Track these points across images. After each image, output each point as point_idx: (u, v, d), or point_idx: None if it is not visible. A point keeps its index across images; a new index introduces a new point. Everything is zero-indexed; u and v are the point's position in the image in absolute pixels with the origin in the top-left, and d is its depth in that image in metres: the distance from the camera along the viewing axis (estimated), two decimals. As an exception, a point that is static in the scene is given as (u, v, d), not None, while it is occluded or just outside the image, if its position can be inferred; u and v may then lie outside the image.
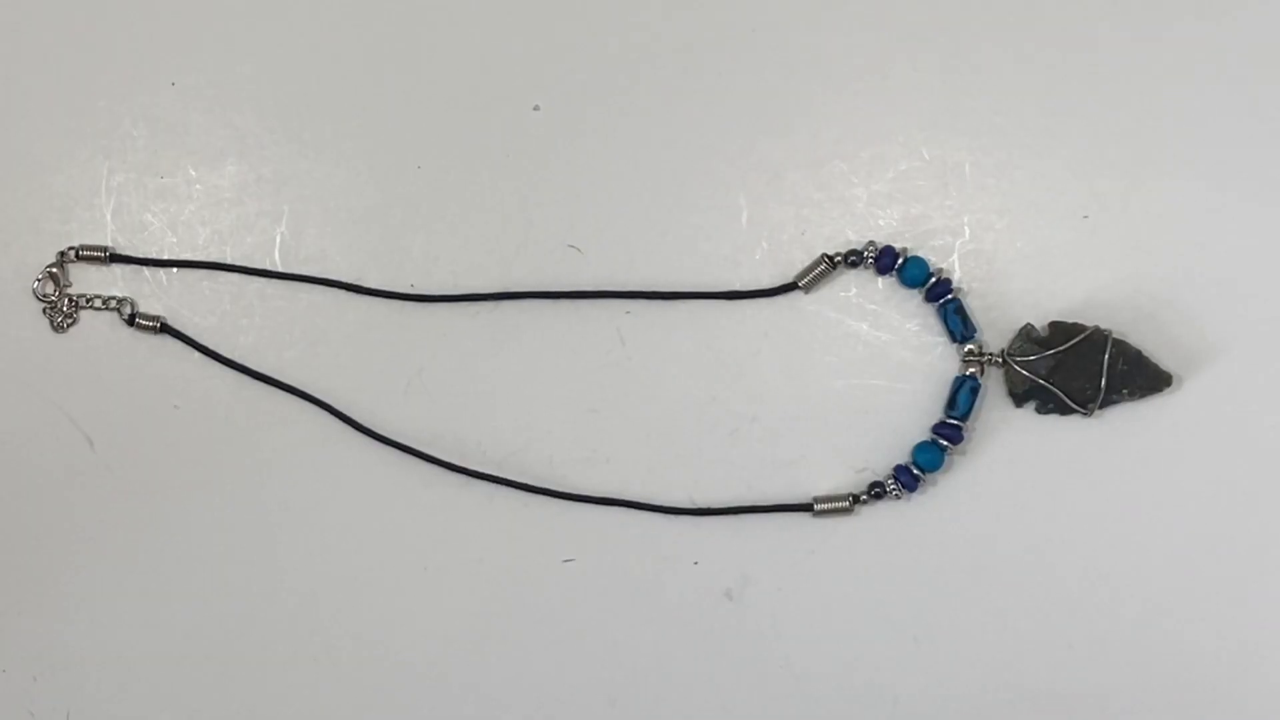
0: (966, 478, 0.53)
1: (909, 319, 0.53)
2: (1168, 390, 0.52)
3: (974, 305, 0.53)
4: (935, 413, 0.52)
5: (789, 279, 0.53)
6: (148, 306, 0.54)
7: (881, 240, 0.53)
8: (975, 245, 0.53)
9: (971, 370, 0.52)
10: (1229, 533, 0.52)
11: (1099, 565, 0.52)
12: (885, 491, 0.52)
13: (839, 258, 0.52)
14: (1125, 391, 0.51)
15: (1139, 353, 0.51)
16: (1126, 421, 0.52)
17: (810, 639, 0.53)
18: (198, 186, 0.54)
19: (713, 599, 0.53)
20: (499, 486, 0.53)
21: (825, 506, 0.52)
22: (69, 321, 0.54)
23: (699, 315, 0.53)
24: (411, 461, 0.53)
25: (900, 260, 0.52)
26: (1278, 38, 0.52)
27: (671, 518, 0.53)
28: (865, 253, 0.52)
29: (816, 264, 0.52)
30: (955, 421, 0.52)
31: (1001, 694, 0.53)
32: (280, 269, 0.54)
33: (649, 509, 0.53)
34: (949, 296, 0.52)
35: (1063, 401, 0.51)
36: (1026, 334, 0.52)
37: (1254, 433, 0.52)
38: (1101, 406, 0.51)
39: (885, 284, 0.53)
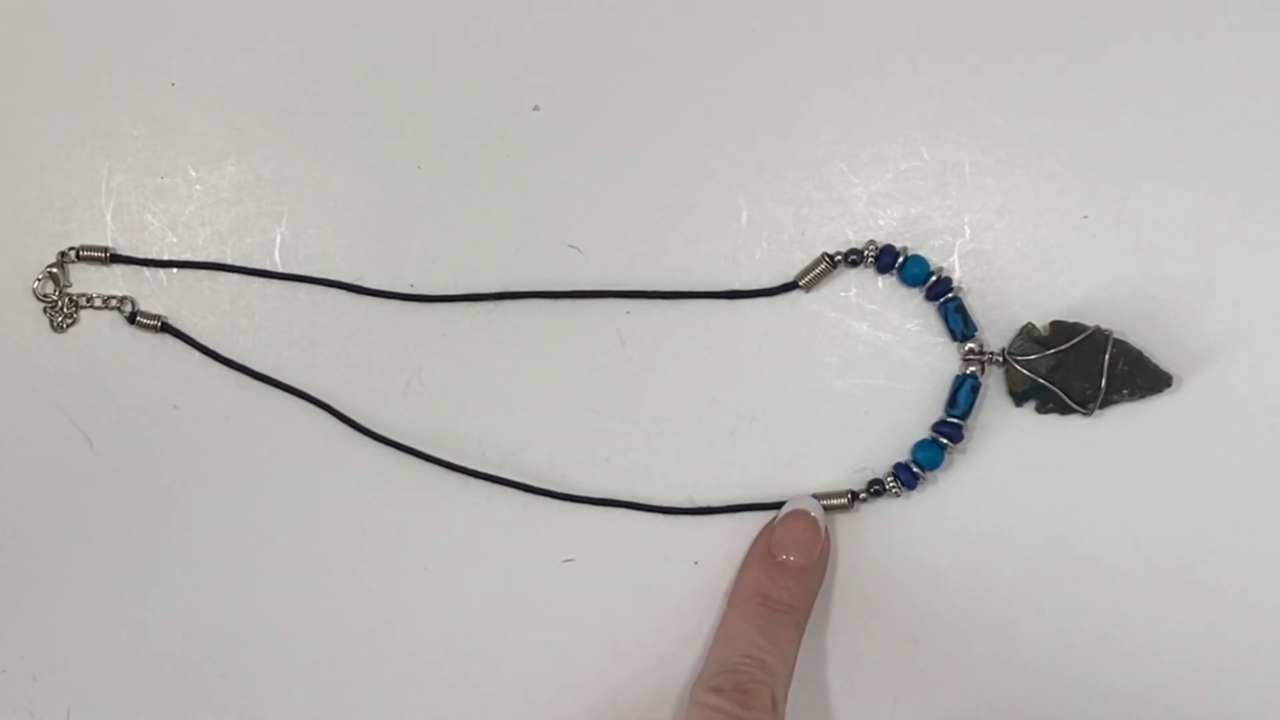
0: (966, 476, 0.52)
1: (909, 318, 0.53)
2: (1168, 390, 0.52)
3: (974, 305, 0.53)
4: (935, 412, 0.52)
5: (789, 279, 0.53)
6: (148, 306, 0.54)
7: (881, 240, 0.53)
8: (975, 245, 0.53)
9: (972, 369, 0.52)
10: (1229, 532, 0.52)
11: (1099, 564, 0.52)
12: (885, 489, 0.52)
13: (839, 257, 0.52)
14: (1125, 391, 0.51)
15: (1139, 353, 0.51)
16: (1126, 421, 0.52)
17: (810, 639, 0.53)
18: (198, 186, 0.54)
19: (713, 599, 0.53)
20: (499, 486, 0.53)
21: (825, 504, 0.52)
22: (69, 321, 0.54)
23: (699, 315, 0.53)
24: (411, 461, 0.53)
25: (900, 259, 0.52)
26: (1278, 39, 0.52)
27: (671, 518, 0.53)
28: (865, 252, 0.52)
29: (817, 263, 0.52)
30: (955, 420, 0.52)
31: (1001, 694, 0.52)
32: (280, 269, 0.54)
33: (649, 509, 0.53)
34: (949, 295, 0.52)
35: (1063, 401, 0.51)
36: (1027, 333, 0.52)
37: (1254, 433, 0.52)
38: (1101, 406, 0.51)
39: (885, 283, 0.53)
